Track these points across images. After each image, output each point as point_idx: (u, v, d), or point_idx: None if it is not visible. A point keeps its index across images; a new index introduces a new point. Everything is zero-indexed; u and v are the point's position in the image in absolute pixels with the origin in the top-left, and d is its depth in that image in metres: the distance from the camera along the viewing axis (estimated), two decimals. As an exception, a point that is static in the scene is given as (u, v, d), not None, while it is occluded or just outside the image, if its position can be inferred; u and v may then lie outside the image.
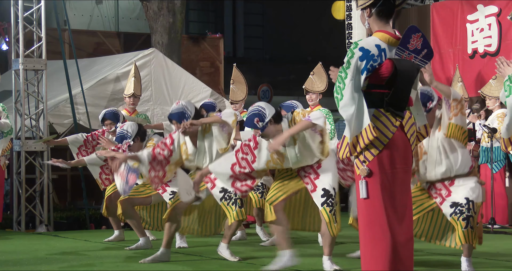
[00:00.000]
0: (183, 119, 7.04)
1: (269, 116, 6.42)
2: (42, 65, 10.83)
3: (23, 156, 10.69)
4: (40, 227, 10.66)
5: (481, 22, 11.83)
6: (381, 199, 4.67)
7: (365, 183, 4.70)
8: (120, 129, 8.33)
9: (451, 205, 6.18)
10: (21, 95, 10.76)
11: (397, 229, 4.68)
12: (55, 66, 12.15)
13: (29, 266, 7.09)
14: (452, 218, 6.17)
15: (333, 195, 6.37)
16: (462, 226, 6.11)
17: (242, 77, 10.72)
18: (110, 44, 15.95)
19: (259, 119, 6.41)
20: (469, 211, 6.13)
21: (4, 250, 8.42)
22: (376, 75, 4.71)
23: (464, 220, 6.12)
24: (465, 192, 6.18)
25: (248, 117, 6.48)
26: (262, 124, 6.39)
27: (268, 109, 6.47)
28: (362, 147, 4.67)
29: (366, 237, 4.74)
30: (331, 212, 6.33)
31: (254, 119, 6.41)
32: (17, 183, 10.74)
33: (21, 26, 10.76)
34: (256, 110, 6.46)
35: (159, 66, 12.37)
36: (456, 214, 6.14)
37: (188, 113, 7.09)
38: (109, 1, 19.46)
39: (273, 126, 6.44)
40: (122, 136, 8.25)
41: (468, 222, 6.11)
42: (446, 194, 6.24)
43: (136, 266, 7.03)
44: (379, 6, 4.81)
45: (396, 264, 4.66)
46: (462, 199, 6.17)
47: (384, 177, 4.69)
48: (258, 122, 6.39)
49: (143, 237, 8.34)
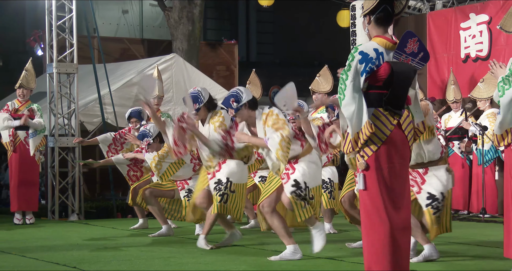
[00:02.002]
0: (196, 102, 7.02)
1: (245, 100, 6.40)
2: (73, 69, 10.86)
3: (57, 151, 10.73)
4: (72, 216, 10.70)
5: (473, 29, 11.79)
6: (379, 190, 4.67)
7: (363, 176, 4.71)
8: (144, 128, 8.39)
9: (428, 197, 6.19)
10: (54, 96, 10.80)
11: (394, 218, 4.67)
12: (85, 70, 12.18)
13: (62, 251, 7.11)
14: (428, 210, 6.18)
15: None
16: (434, 222, 6.15)
17: (258, 81, 10.70)
18: (135, 50, 15.95)
19: (234, 100, 6.41)
20: (442, 207, 6.19)
21: (40, 237, 8.47)
22: (375, 77, 4.70)
23: (438, 218, 6.18)
24: (439, 185, 6.19)
25: (225, 98, 6.47)
26: (236, 106, 6.38)
27: (246, 94, 6.46)
28: (362, 142, 4.68)
29: (365, 225, 4.73)
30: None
31: (230, 99, 6.41)
32: (51, 176, 10.78)
33: (55, 34, 10.80)
34: (234, 92, 6.47)
35: (179, 70, 12.38)
36: (432, 207, 6.17)
37: (201, 98, 7.09)
38: (134, 11, 19.48)
39: (246, 111, 6.42)
40: (144, 134, 8.31)
41: (439, 218, 6.19)
42: (421, 182, 6.24)
43: (158, 252, 7.04)
44: (377, 14, 4.80)
45: (394, 250, 4.64)
46: (438, 193, 6.18)
47: (382, 170, 4.69)
48: (233, 103, 6.39)
49: (165, 225, 8.36)
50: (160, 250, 7.08)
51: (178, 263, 6.27)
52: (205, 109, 7.08)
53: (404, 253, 4.70)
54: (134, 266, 6.16)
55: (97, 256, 6.80)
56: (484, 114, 10.44)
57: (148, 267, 6.09)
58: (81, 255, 6.82)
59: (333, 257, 6.41)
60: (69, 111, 10.88)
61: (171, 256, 6.69)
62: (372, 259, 4.67)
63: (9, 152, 10.10)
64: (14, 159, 10.09)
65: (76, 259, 6.51)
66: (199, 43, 15.14)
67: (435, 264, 6.07)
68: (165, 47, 15.90)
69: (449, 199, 6.26)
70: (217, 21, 23.42)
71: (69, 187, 10.80)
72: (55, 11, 10.82)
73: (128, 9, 19.31)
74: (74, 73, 10.85)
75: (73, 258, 6.58)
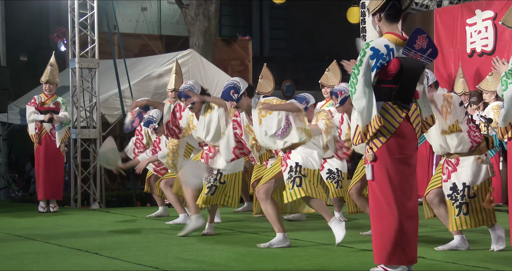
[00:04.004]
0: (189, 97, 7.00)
1: (243, 89, 6.32)
2: (95, 64, 10.88)
3: (79, 142, 10.76)
4: (94, 204, 10.73)
5: (479, 25, 11.71)
6: (387, 180, 4.66)
7: (371, 167, 4.70)
8: (148, 115, 8.42)
9: (451, 188, 6.03)
10: (77, 90, 10.82)
11: (402, 207, 4.66)
12: (106, 65, 12.20)
13: (84, 238, 7.14)
14: (448, 200, 6.05)
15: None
16: (455, 213, 5.96)
17: (270, 75, 10.67)
18: (154, 46, 15.96)
19: (234, 92, 6.31)
20: (463, 198, 5.95)
21: (63, 224, 8.51)
22: (385, 72, 4.69)
23: (458, 208, 5.96)
24: (464, 176, 6.00)
25: (224, 90, 6.37)
26: (237, 96, 6.30)
27: (242, 83, 6.38)
28: (371, 135, 4.66)
29: (374, 214, 4.73)
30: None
31: (230, 91, 6.31)
32: (74, 166, 10.82)
33: (77, 30, 10.81)
34: (231, 84, 6.36)
35: (196, 65, 12.37)
36: (452, 199, 6.00)
37: (195, 91, 7.07)
38: (152, 8, 19.48)
39: (245, 100, 6.34)
40: (149, 121, 8.34)
41: (461, 210, 5.94)
42: (452, 170, 6.04)
43: (175, 239, 7.05)
44: (387, 11, 4.78)
45: (401, 238, 4.63)
46: (461, 184, 5.98)
47: (391, 161, 4.67)
48: (233, 94, 6.29)
49: (182, 214, 8.36)
50: (177, 237, 7.09)
51: (194, 249, 6.28)
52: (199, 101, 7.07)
53: (412, 240, 4.69)
54: (153, 252, 6.17)
55: (117, 242, 6.82)
56: (489, 106, 10.40)
57: (166, 253, 6.10)
58: (102, 241, 6.85)
59: (343, 244, 6.39)
60: (90, 105, 10.91)
61: (188, 242, 6.70)
62: (381, 246, 4.66)
63: (35, 143, 10.15)
64: (40, 151, 10.14)
65: (98, 245, 6.53)
66: (215, 39, 15.11)
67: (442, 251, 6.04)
68: (182, 43, 15.89)
69: (483, 191, 5.99)
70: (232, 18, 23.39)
71: (90, 176, 10.83)
72: (77, 9, 10.83)
73: (147, 6, 19.32)
74: (95, 68, 10.87)
75: (94, 244, 6.60)
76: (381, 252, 4.67)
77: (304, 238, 6.82)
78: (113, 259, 5.77)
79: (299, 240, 6.68)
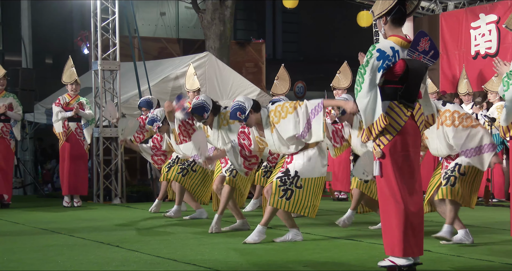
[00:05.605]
0: (203, 112, 7.13)
1: (249, 108, 6.36)
2: (116, 66, 10.93)
3: (101, 141, 10.82)
4: (115, 199, 10.79)
5: (483, 28, 11.67)
6: (394, 176, 4.66)
7: (379, 163, 4.70)
8: (152, 114, 8.48)
9: (447, 168, 6.10)
10: (99, 91, 10.88)
11: (409, 201, 4.66)
12: (127, 67, 12.25)
13: (106, 231, 7.18)
14: (442, 174, 6.12)
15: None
16: (442, 184, 6.01)
17: (287, 75, 10.63)
18: (172, 49, 15.99)
19: (240, 113, 6.36)
20: (452, 172, 6.00)
21: (86, 218, 8.55)
22: (391, 73, 4.69)
23: (445, 179, 6.02)
24: (458, 159, 6.06)
25: (231, 112, 6.43)
26: (244, 116, 6.35)
27: (247, 102, 6.40)
28: (376, 133, 4.66)
29: (383, 208, 4.73)
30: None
31: (237, 113, 6.37)
32: (96, 163, 10.88)
33: (99, 34, 10.87)
34: (237, 105, 6.40)
35: (212, 67, 12.38)
36: (444, 174, 6.06)
37: (208, 107, 7.14)
38: (171, 13, 19.52)
39: (253, 115, 6.38)
40: (153, 119, 8.41)
41: (448, 180, 5.98)
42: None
43: (192, 232, 7.07)
44: (393, 15, 4.78)
45: (408, 231, 4.64)
46: (453, 163, 6.05)
47: (397, 158, 4.68)
48: (240, 115, 6.35)
49: (198, 209, 8.38)
50: (194, 231, 7.12)
51: (210, 242, 6.30)
52: (211, 115, 7.19)
53: (418, 233, 4.69)
54: (171, 244, 6.20)
55: (138, 236, 6.86)
56: (494, 106, 10.38)
57: (183, 245, 6.13)
58: (123, 235, 6.88)
59: (352, 238, 6.40)
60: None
61: (204, 236, 6.72)
62: (390, 240, 4.67)
63: (61, 141, 10.22)
64: (66, 148, 10.21)
65: (119, 238, 6.56)
66: (230, 42, 15.12)
67: (446, 244, 6.03)
68: (199, 46, 15.91)
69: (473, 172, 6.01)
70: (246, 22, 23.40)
71: (112, 173, 10.88)
72: (99, 14, 10.89)
73: (165, 11, 19.37)
74: (116, 70, 10.92)
75: (116, 237, 6.63)
76: (391, 244, 4.68)
77: (314, 232, 6.83)
78: (133, 251, 5.80)
79: (310, 234, 6.69)
